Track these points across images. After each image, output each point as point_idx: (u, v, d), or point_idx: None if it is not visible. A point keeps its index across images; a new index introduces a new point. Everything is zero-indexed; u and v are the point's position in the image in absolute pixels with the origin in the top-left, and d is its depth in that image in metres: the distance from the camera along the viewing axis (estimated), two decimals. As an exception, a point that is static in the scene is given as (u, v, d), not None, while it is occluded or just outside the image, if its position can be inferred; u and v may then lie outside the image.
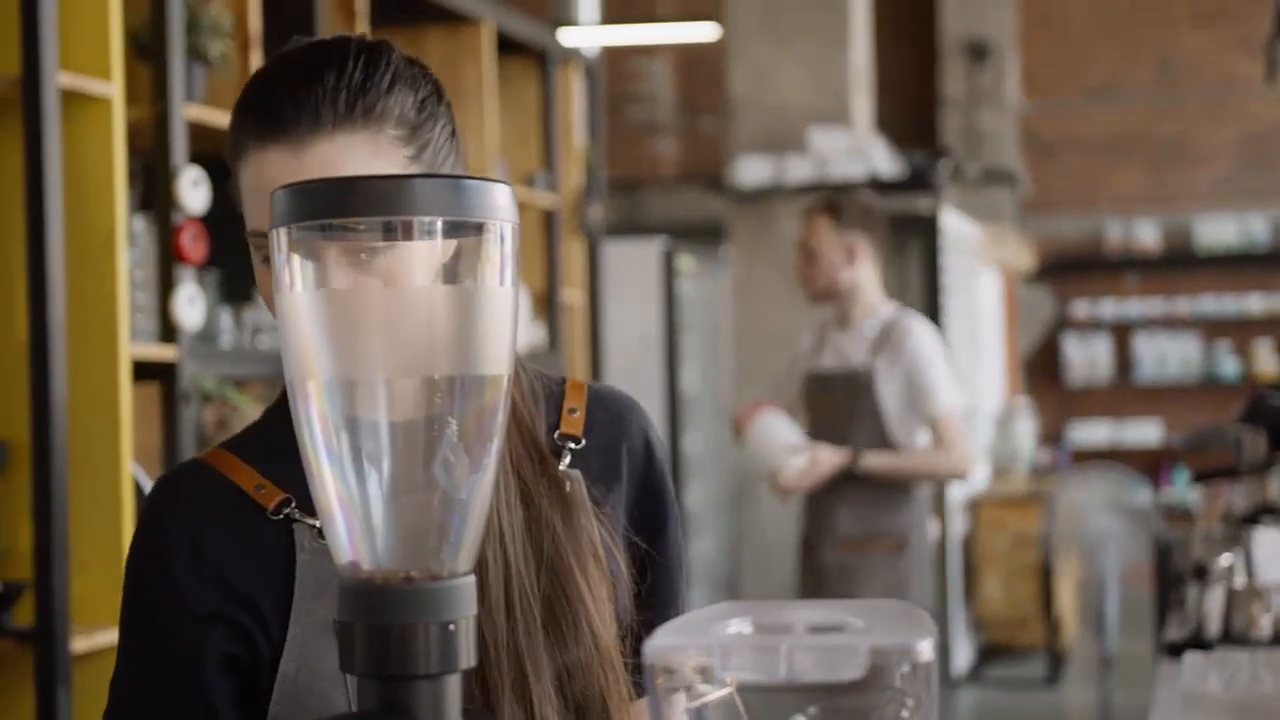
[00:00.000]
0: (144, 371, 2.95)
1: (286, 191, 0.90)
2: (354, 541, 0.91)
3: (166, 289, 2.98)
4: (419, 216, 0.88)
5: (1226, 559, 2.85)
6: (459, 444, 0.90)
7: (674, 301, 6.99)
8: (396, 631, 0.88)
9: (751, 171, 5.82)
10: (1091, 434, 10.45)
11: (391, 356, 0.90)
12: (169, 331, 2.98)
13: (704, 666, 0.76)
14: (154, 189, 3.04)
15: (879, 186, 5.93)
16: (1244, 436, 4.29)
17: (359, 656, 0.89)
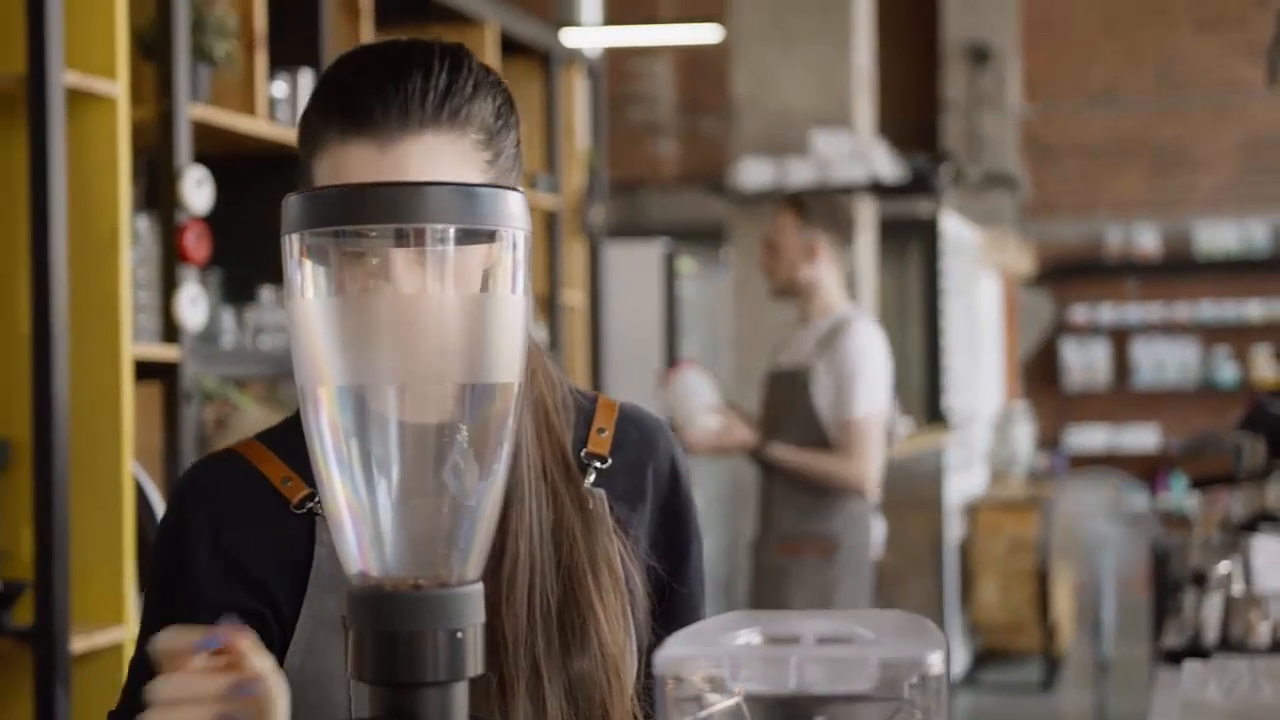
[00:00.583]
0: (146, 371, 2.94)
1: (299, 198, 0.90)
2: (363, 548, 0.91)
3: (169, 289, 2.98)
4: (431, 224, 0.89)
5: (1225, 566, 2.85)
6: (469, 451, 0.90)
7: (674, 303, 6.99)
8: (405, 639, 0.88)
9: (753, 174, 5.82)
10: (1089, 439, 10.45)
11: (402, 363, 0.90)
12: (171, 331, 2.98)
13: (713, 677, 0.76)
14: (158, 188, 3.03)
15: (880, 190, 5.93)
16: (1243, 443, 4.29)
17: (367, 663, 0.89)
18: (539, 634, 1.21)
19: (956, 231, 7.53)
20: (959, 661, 7.08)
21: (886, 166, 5.88)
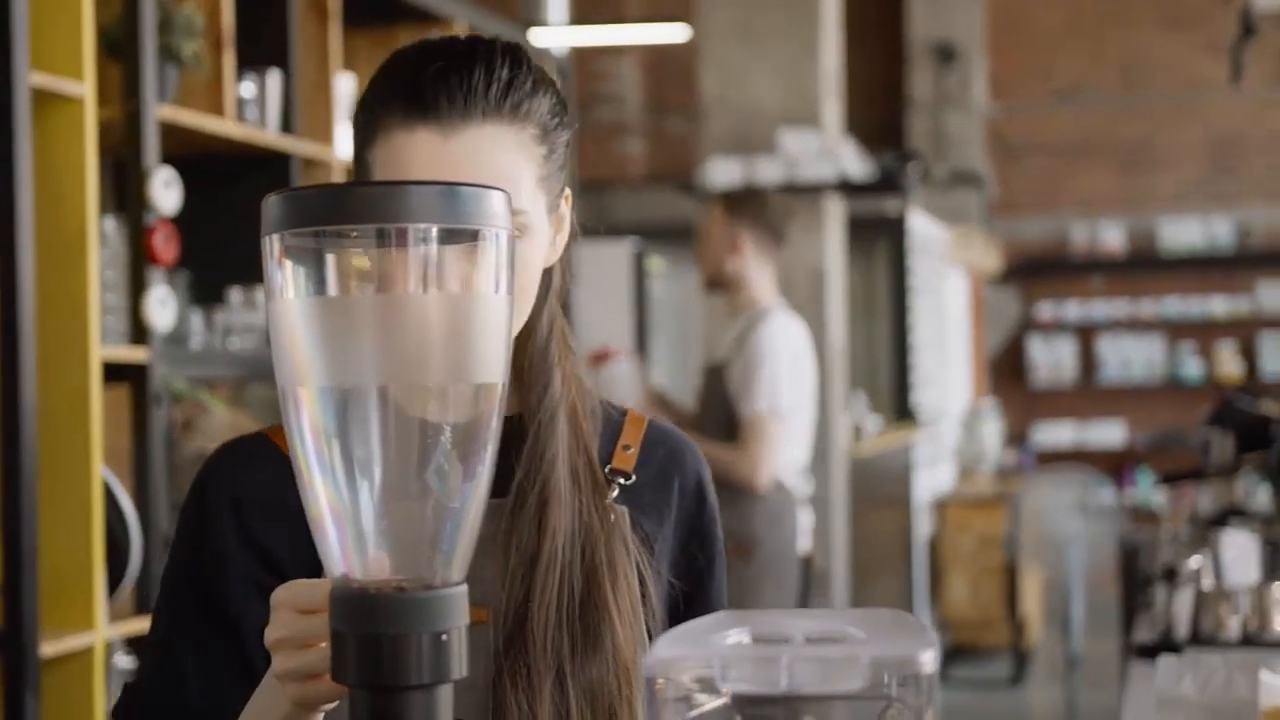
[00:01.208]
0: (114, 373, 2.92)
1: (280, 197, 0.89)
2: (346, 550, 0.90)
3: (137, 290, 2.96)
4: (413, 224, 0.88)
5: (1195, 561, 2.86)
6: (452, 452, 0.90)
7: (644, 302, 6.99)
8: (388, 642, 0.88)
9: (721, 173, 5.81)
10: (1056, 435, 10.50)
11: (384, 364, 0.89)
12: (140, 333, 2.96)
13: (703, 677, 0.76)
14: (125, 189, 3.01)
15: (848, 189, 5.94)
16: (1212, 439, 4.32)
17: (351, 667, 0.89)
18: (564, 633, 1.22)
19: (924, 230, 7.56)
20: (929, 658, 7.09)
21: (854, 165, 5.89)
